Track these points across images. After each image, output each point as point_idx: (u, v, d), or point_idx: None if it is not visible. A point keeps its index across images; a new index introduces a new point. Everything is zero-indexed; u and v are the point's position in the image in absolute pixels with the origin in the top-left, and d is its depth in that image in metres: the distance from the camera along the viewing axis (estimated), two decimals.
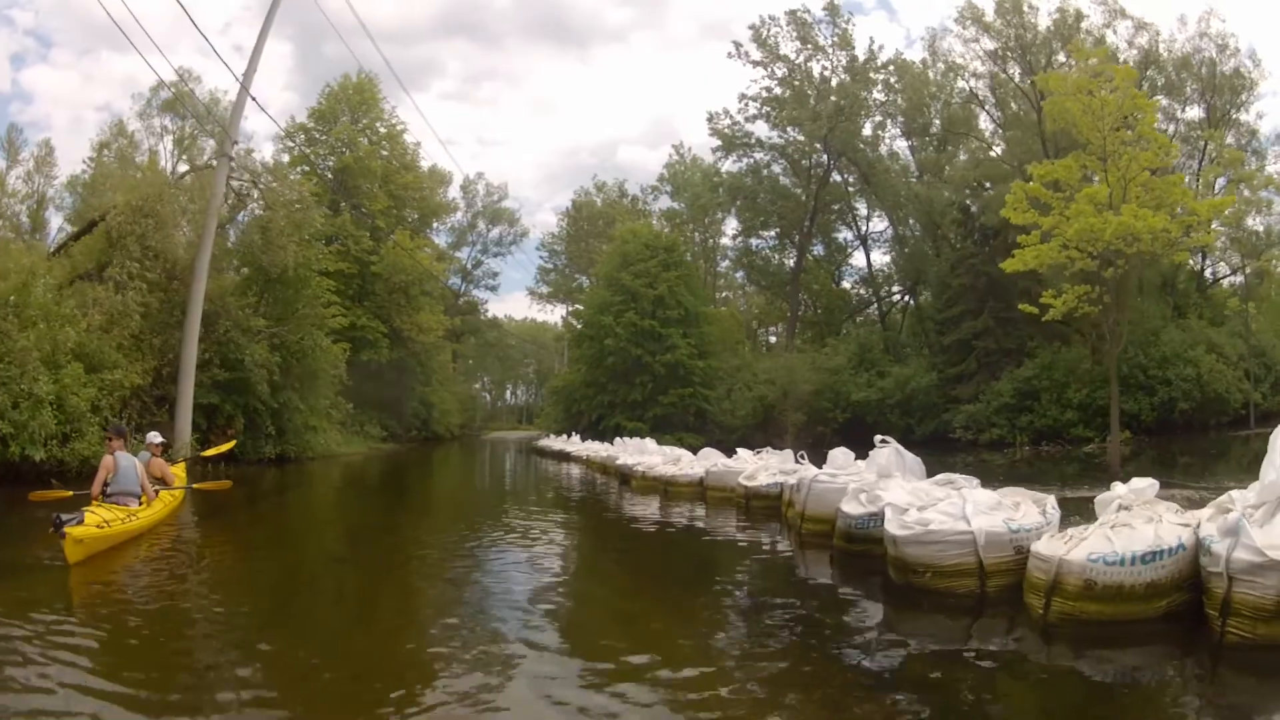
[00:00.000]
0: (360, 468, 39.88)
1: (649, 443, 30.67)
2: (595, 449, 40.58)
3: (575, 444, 48.25)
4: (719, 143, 68.36)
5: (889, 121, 65.04)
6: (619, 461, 29.51)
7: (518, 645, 7.59)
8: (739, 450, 22.46)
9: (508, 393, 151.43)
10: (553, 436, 58.53)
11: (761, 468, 18.78)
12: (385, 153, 62.88)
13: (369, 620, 9.16)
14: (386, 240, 58.57)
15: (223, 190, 32.84)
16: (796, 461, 17.87)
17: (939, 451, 30.15)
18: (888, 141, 66.52)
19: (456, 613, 9.34)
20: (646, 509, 20.41)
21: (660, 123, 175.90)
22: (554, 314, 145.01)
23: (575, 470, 38.66)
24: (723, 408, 57.49)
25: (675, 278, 60.73)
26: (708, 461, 22.31)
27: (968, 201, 54.01)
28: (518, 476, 39.96)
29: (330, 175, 58.85)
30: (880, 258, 72.87)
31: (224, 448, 26.29)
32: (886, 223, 67.65)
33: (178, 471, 19.53)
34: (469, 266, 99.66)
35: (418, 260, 59.23)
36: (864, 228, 71.28)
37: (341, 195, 58.72)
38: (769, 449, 20.36)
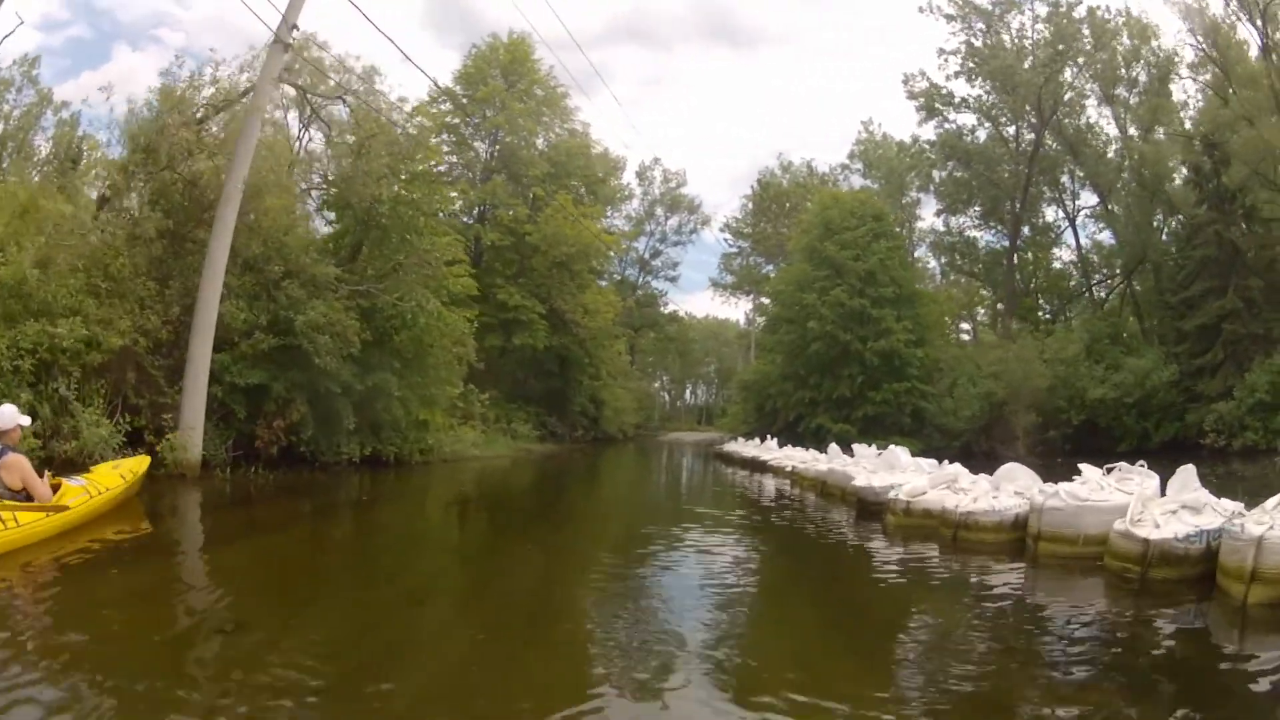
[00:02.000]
0: (495, 475, 29.63)
1: (901, 452, 20.35)
2: (803, 458, 29.63)
3: (771, 449, 37.11)
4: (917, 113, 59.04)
5: (1091, 83, 54.70)
6: (858, 483, 18.84)
7: None
8: (1009, 464, 14.54)
9: (687, 391, 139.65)
10: (742, 440, 46.25)
11: (1152, 500, 10.66)
12: (545, 118, 52.47)
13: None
14: (545, 209, 47.61)
15: (269, 86, 22.33)
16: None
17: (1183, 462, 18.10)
18: (1092, 105, 55.92)
19: None
20: (935, 573, 11.55)
21: (835, 125, 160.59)
22: (736, 309, 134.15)
23: (771, 484, 28.79)
24: (943, 407, 45.94)
25: (887, 249, 49.19)
26: (1030, 486, 13.17)
27: (1202, 159, 42.08)
28: (698, 490, 30.74)
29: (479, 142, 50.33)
30: (1091, 238, 61.87)
31: (130, 468, 14.61)
32: (1095, 197, 57.07)
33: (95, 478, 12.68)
34: (646, 256, 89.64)
35: (582, 229, 47.86)
36: (1072, 204, 59.96)
37: (494, 160, 49.91)
38: (1122, 465, 12.31)
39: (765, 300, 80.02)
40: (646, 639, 7.67)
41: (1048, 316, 60.06)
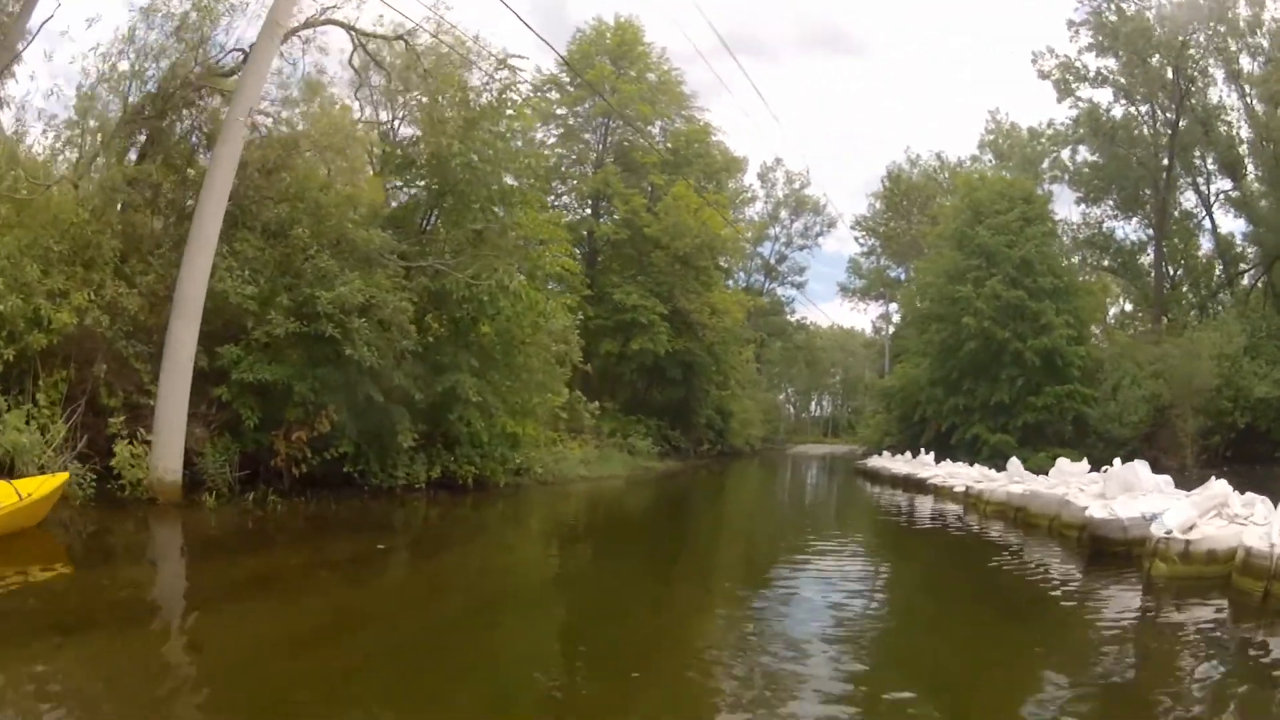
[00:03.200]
0: (603, 502, 23.79)
1: (1140, 468, 15.41)
2: (974, 476, 24.68)
3: (928, 465, 31.42)
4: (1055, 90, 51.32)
5: (1214, 56, 47.51)
6: (1095, 513, 13.75)
7: None
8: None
9: (812, 403, 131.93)
10: (887, 455, 39.42)
11: None
12: (660, 104, 46.09)
13: None
14: (664, 199, 41.26)
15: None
16: None
17: None
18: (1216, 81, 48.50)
19: None
20: None
21: (956, 125, 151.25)
22: (864, 317, 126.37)
23: (933, 507, 23.58)
24: (1107, 412, 38.45)
25: (1041, 235, 42.27)
26: None
27: None
28: (846, 518, 24.51)
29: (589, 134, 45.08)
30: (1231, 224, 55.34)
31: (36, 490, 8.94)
32: (1229, 181, 49.91)
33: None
34: (772, 261, 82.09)
35: (706, 219, 41.22)
36: (1208, 189, 52.01)
37: (606, 150, 44.31)
38: None
39: (894, 306, 74.15)
40: None
41: (1193, 311, 52.74)
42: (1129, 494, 14.16)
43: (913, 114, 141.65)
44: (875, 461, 39.81)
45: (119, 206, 16.42)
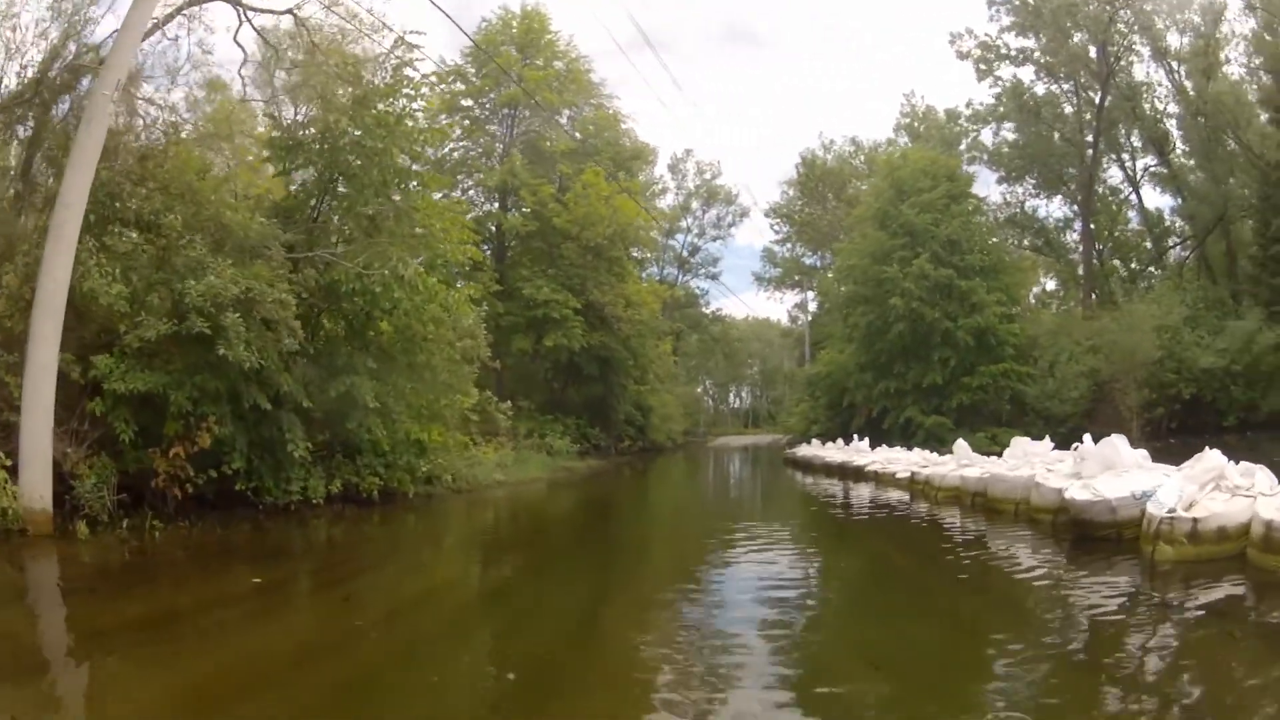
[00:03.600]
0: (522, 507, 22.32)
1: (1120, 442, 13.67)
2: (920, 460, 23.23)
3: (863, 451, 29.82)
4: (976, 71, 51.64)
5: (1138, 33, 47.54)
6: (1075, 495, 12.38)
7: None
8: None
9: (730, 395, 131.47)
10: (817, 443, 38.29)
11: None
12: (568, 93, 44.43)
13: None
14: (574, 187, 39.59)
15: None
16: None
17: None
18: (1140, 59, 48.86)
19: None
20: None
21: (868, 114, 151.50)
22: (779, 306, 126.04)
23: (874, 495, 22.21)
24: (1045, 389, 37.83)
25: (967, 213, 41.94)
26: None
27: None
28: (785, 510, 22.83)
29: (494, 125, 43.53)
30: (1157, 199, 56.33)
31: None
32: (1154, 158, 50.46)
33: None
34: (685, 254, 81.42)
35: (618, 208, 39.76)
36: (1133, 166, 52.71)
37: (513, 140, 42.31)
38: None
39: (811, 294, 73.45)
40: None
41: (1124, 287, 52.08)
42: (1110, 471, 12.90)
43: (824, 104, 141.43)
44: (805, 450, 38.59)
45: None
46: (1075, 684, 6.06)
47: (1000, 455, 19.12)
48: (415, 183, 19.61)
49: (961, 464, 19.72)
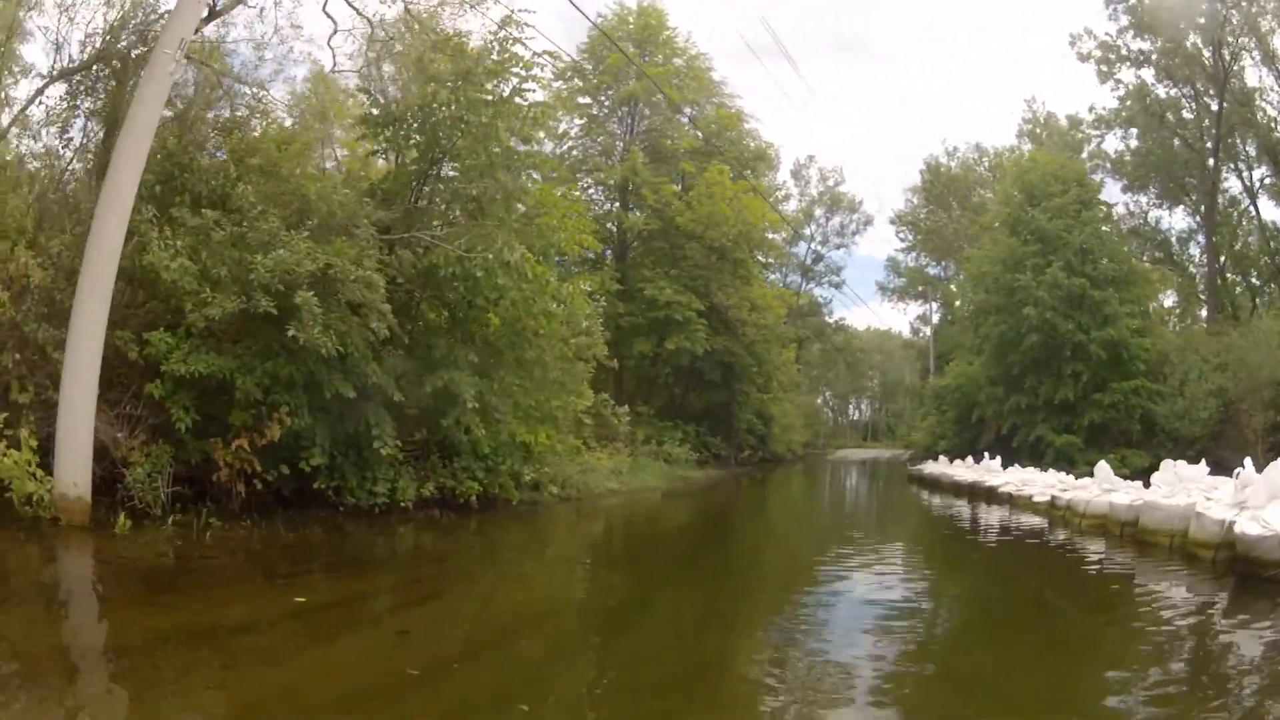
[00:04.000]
0: (636, 519, 20.66)
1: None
2: (1057, 483, 21.36)
3: (994, 471, 27.82)
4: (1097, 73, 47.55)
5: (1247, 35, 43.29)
6: (1246, 529, 10.86)
7: None
8: None
9: (850, 407, 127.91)
10: (945, 460, 35.84)
11: None
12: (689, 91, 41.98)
13: None
14: (697, 185, 37.53)
15: None
16: None
17: None
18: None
19: None
20: None
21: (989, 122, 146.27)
22: (902, 318, 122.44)
23: (1005, 519, 20.54)
24: (1175, 409, 34.24)
25: (1098, 219, 38.95)
26: None
27: None
28: (921, 541, 19.47)
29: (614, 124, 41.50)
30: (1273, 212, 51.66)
31: None
32: (1268, 167, 45.79)
33: None
34: (808, 261, 78.02)
35: (743, 207, 37.60)
36: (1249, 176, 47.65)
37: (633, 139, 40.27)
38: None
39: (934, 305, 70.31)
40: None
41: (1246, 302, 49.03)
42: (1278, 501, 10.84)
43: (938, 110, 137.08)
44: (932, 467, 36.02)
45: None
46: None
47: (1132, 479, 17.69)
48: (528, 169, 17.72)
49: (1105, 488, 17.32)
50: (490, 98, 15.84)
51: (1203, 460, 14.05)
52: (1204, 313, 50.18)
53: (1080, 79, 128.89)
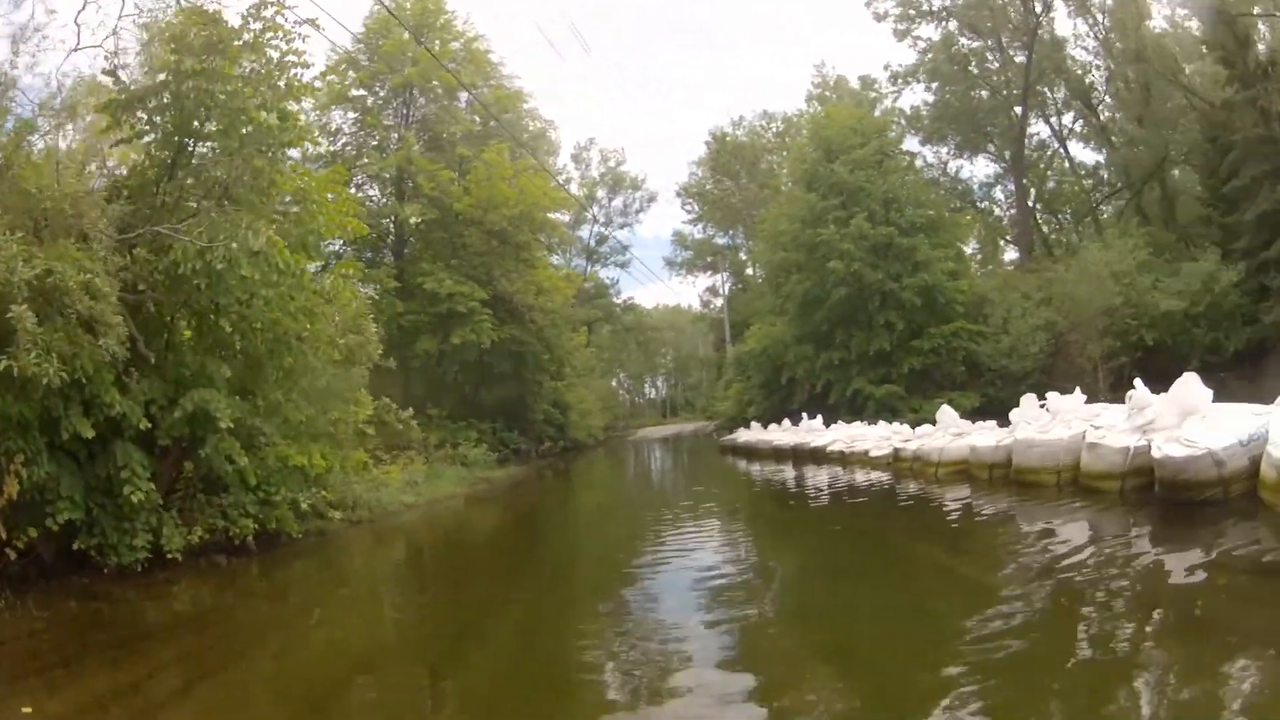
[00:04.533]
0: (440, 535, 18.98)
1: (1193, 381, 11.73)
2: (894, 435, 21.36)
3: (817, 430, 28.40)
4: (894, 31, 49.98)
5: None
6: (1167, 451, 10.30)
7: None
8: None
9: (646, 386, 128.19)
10: (757, 426, 35.36)
11: None
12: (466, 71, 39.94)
13: None
14: (475, 167, 35.78)
15: None
16: None
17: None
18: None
19: None
20: None
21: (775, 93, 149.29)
22: (691, 292, 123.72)
23: (838, 480, 19.70)
24: (999, 347, 35.17)
25: (901, 169, 39.94)
26: None
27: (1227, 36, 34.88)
28: (758, 514, 18.64)
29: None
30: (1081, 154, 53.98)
31: None
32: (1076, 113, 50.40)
33: None
34: (592, 243, 77.50)
35: (522, 187, 36.05)
36: (1058, 122, 52.17)
37: (409, 127, 38.56)
38: None
39: (723, 275, 70.66)
40: None
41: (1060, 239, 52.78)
42: (1193, 418, 10.65)
43: (731, 91, 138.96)
44: (746, 435, 35.65)
45: None
46: None
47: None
48: (285, 145, 15.51)
49: (955, 433, 16.79)
50: (246, 69, 13.84)
51: (1035, 395, 13.59)
52: (1009, 255, 54.04)
53: (863, 47, 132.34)
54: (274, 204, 14.15)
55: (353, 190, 37.50)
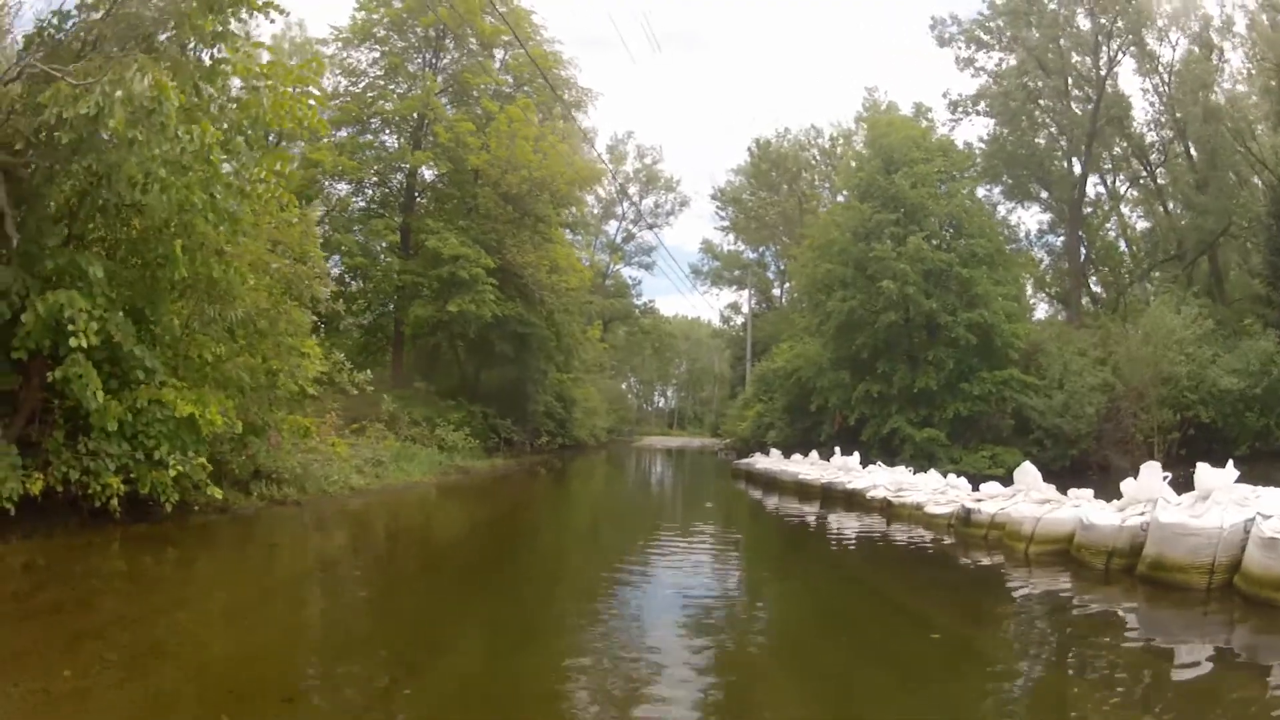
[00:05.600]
0: (372, 532, 14.99)
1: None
2: (1016, 502, 14.43)
3: (854, 469, 23.64)
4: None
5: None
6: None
7: None
8: None
9: (655, 394, 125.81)
10: (778, 454, 31.70)
11: None
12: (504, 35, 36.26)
13: None
14: (498, 121, 32.03)
15: None
16: None
17: None
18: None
19: None
20: None
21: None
22: (713, 305, 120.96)
23: (879, 532, 15.92)
24: (1051, 404, 30.51)
25: (967, 193, 35.20)
26: None
27: None
28: (801, 562, 14.25)
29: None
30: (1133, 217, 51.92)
31: None
32: (1132, 174, 47.92)
33: None
34: (618, 240, 74.26)
35: (546, 152, 32.20)
36: (1113, 180, 49.56)
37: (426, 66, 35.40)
38: None
39: (747, 293, 66.90)
40: None
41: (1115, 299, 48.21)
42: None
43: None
44: (764, 462, 31.18)
45: None
46: None
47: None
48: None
49: (1039, 499, 13.09)
50: None
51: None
52: (1041, 309, 50.79)
53: (922, 77, 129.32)
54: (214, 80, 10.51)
55: (368, 138, 34.49)
